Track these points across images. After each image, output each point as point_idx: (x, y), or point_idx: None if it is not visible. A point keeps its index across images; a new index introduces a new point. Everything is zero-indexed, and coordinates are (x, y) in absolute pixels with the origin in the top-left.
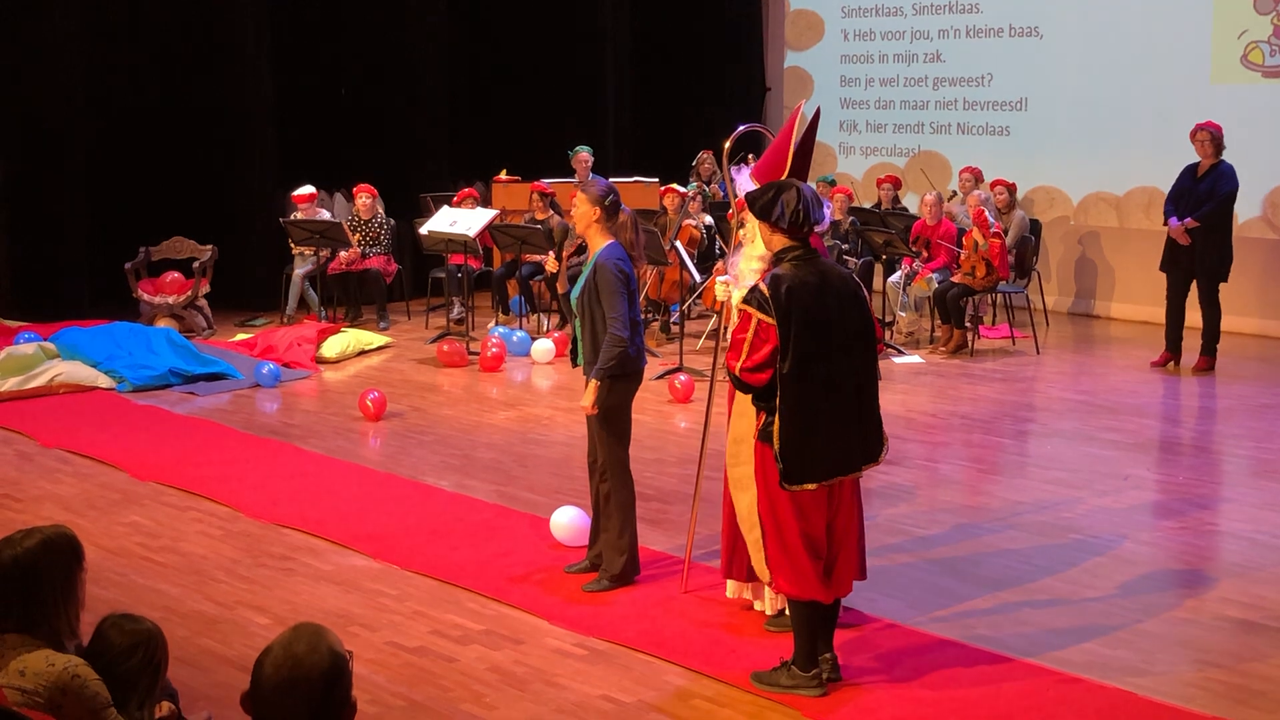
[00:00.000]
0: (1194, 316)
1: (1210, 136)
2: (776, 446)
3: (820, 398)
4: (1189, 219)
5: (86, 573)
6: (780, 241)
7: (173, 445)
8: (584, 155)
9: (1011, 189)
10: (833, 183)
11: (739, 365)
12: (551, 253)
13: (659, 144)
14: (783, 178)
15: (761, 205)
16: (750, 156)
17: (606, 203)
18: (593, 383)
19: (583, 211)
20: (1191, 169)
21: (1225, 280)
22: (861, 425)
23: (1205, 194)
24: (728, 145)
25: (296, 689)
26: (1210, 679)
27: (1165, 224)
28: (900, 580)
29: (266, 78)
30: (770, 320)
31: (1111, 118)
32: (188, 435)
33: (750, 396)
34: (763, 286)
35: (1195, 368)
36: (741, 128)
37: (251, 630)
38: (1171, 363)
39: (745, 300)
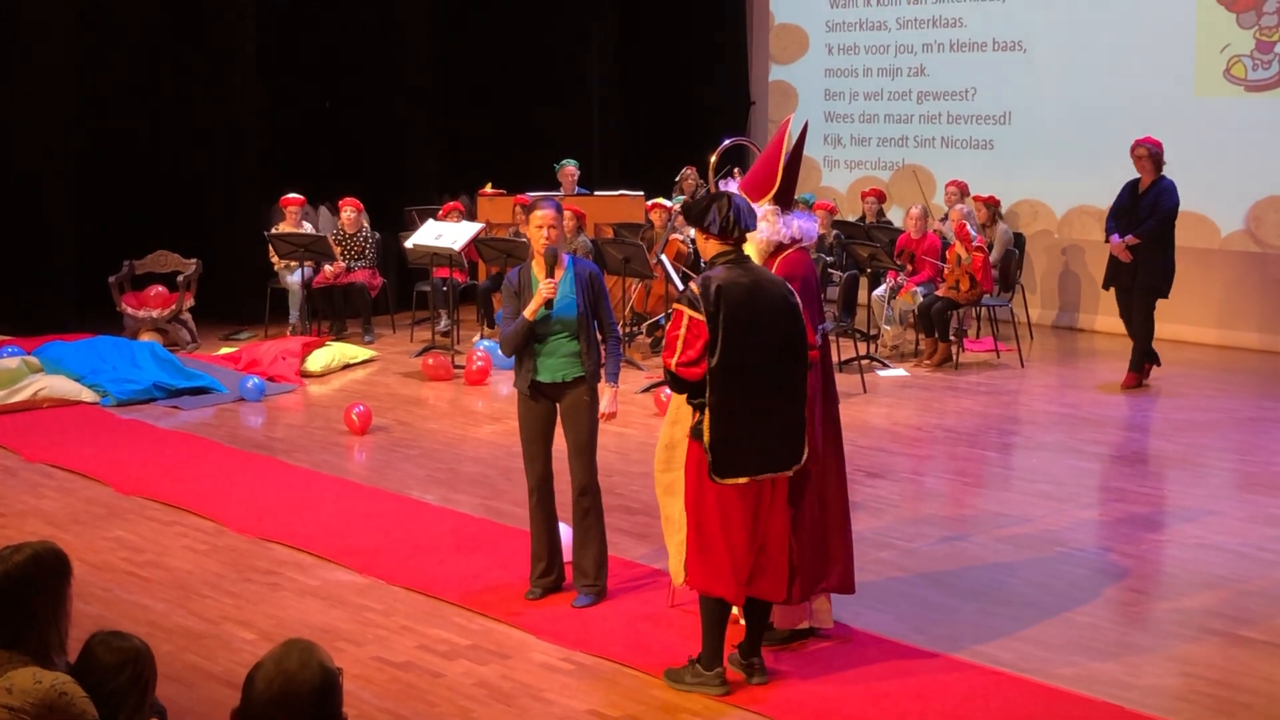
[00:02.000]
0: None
1: (1149, 153)
2: (706, 440)
3: (748, 393)
4: (1130, 235)
5: (73, 588)
6: (714, 247)
7: (157, 460)
8: (570, 169)
9: (993, 204)
10: (810, 203)
11: (674, 361)
12: (547, 279)
13: (644, 158)
14: (773, 191)
15: (695, 213)
16: (736, 170)
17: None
18: (613, 388)
19: (560, 232)
20: (1132, 185)
21: (1165, 296)
22: (790, 427)
23: (1147, 210)
24: (713, 159)
25: (288, 705)
26: (1196, 691)
27: (1107, 241)
28: (885, 593)
29: (252, 91)
30: (700, 316)
31: (1095, 131)
32: (172, 449)
33: (685, 398)
34: (694, 286)
35: (1124, 385)
36: (726, 142)
37: (237, 645)
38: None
39: (677, 300)
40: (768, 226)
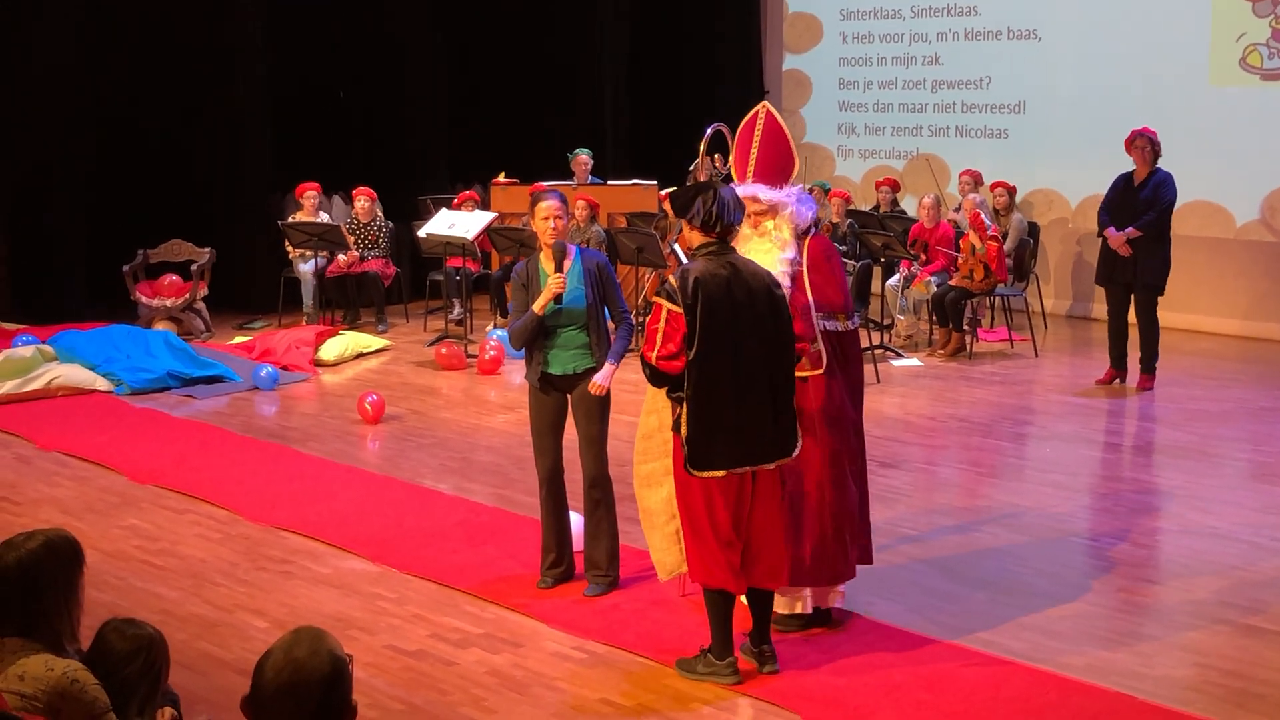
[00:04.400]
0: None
1: (1150, 143)
2: (684, 433)
3: (726, 385)
4: (1130, 229)
5: (86, 576)
6: (697, 238)
7: (171, 448)
8: (583, 158)
9: (1011, 191)
10: (828, 189)
11: (654, 355)
12: (556, 274)
13: (657, 147)
14: (795, 171)
15: (681, 203)
16: (717, 157)
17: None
18: (611, 365)
19: (565, 222)
20: (1127, 177)
21: (1163, 293)
22: (774, 417)
23: (1146, 203)
24: (702, 147)
25: (297, 693)
26: (1209, 682)
27: (1100, 234)
28: (898, 583)
29: (264, 80)
30: (678, 309)
31: (1110, 120)
32: (186, 438)
33: (664, 391)
34: (672, 279)
35: (1139, 387)
36: (709, 130)
37: (250, 634)
38: (1117, 380)
39: (656, 293)
40: (805, 208)
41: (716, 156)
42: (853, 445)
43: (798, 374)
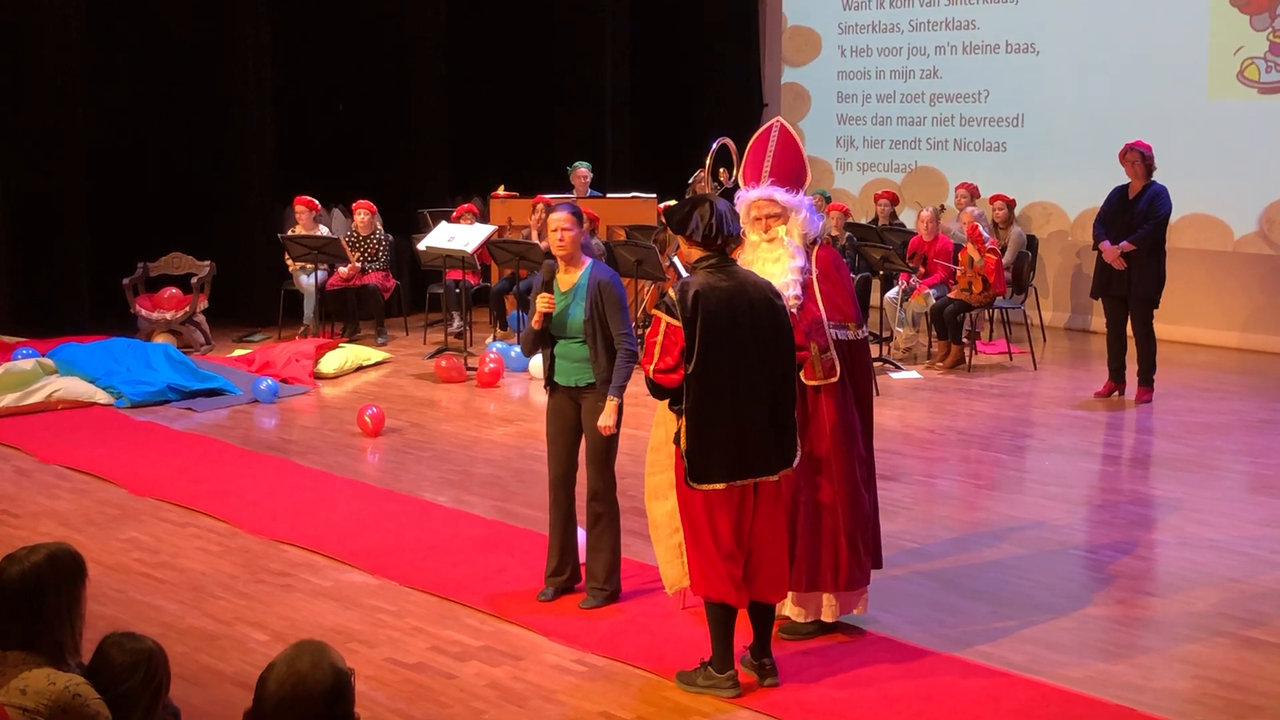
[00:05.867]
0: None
1: (1141, 157)
2: (683, 446)
3: (724, 398)
4: (1125, 242)
5: (87, 589)
6: (697, 253)
7: (171, 461)
8: (583, 171)
9: (1010, 204)
10: (828, 198)
11: (652, 368)
12: (545, 294)
13: (656, 160)
14: (809, 181)
15: (678, 220)
16: (723, 172)
17: (583, 220)
18: (613, 401)
19: (574, 234)
20: (1122, 190)
21: (1157, 305)
22: (774, 430)
23: (1142, 216)
24: (709, 163)
25: (299, 706)
26: (1209, 694)
27: (1095, 248)
28: (897, 595)
29: (264, 93)
30: (677, 323)
31: (1107, 133)
32: (186, 451)
33: (667, 403)
34: (672, 292)
35: (1136, 399)
36: (715, 144)
37: (250, 647)
38: (1116, 392)
39: (656, 306)
40: (816, 217)
41: (722, 171)
42: (863, 453)
43: (811, 383)
